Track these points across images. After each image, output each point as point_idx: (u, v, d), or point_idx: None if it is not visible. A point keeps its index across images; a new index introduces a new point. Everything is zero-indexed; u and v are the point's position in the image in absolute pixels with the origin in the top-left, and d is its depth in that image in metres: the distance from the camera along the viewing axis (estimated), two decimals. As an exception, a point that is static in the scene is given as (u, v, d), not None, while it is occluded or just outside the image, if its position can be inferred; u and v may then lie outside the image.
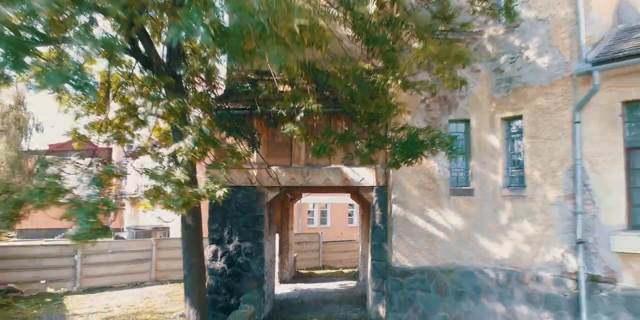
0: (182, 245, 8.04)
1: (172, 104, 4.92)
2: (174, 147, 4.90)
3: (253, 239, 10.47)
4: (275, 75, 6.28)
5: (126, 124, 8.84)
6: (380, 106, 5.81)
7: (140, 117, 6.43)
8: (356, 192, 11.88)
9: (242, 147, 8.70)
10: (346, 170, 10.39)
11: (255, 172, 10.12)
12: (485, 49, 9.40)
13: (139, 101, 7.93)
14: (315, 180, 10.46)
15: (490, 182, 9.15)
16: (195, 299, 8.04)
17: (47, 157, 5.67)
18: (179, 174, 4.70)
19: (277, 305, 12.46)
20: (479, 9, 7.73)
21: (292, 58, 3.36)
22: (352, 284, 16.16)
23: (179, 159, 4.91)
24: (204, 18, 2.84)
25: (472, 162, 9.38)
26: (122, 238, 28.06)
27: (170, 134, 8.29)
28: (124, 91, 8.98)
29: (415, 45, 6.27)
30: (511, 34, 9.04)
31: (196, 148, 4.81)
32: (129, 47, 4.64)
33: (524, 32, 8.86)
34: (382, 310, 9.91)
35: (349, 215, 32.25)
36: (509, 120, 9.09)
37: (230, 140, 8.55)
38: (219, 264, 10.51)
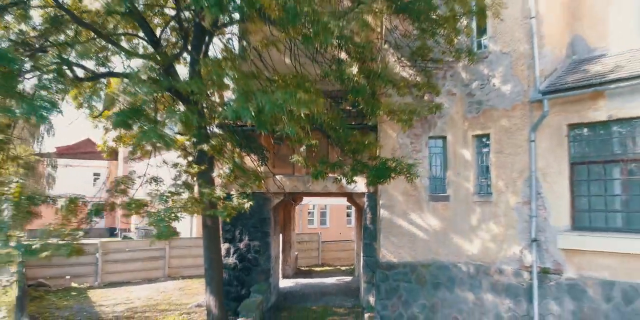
0: (203, 243, 9.66)
1: (213, 142, 6.56)
2: (216, 173, 6.58)
3: (261, 238, 12.08)
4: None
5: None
6: (359, 143, 7.49)
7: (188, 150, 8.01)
8: (351, 197, 13.49)
9: (251, 159, 10.34)
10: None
11: (263, 181, 11.71)
12: (460, 76, 10.99)
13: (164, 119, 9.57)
14: (314, 187, 12.07)
15: (463, 189, 10.75)
16: (214, 288, 9.65)
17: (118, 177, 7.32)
18: (219, 191, 6.37)
19: (282, 296, 14.08)
20: (446, 51, 9.36)
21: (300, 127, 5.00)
22: (348, 279, 17.78)
23: (218, 180, 6.57)
24: (249, 106, 4.49)
25: (448, 173, 10.99)
26: (131, 238, 29.75)
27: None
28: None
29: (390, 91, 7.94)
30: (481, 64, 10.63)
31: (231, 174, 6.45)
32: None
33: (492, 63, 10.46)
34: (372, 299, 11.51)
35: (347, 215, 33.84)
36: (479, 137, 10.69)
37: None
38: (232, 260, 12.12)
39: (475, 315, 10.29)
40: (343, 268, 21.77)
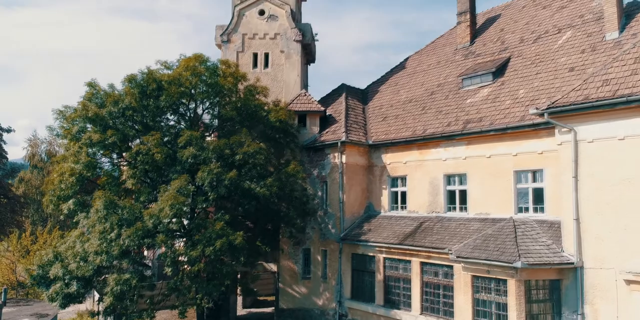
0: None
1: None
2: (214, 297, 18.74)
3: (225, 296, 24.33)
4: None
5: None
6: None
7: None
8: (273, 274, 25.82)
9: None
10: (267, 264, 24.28)
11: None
12: (318, 220, 23.25)
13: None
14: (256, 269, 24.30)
15: (317, 275, 23.00)
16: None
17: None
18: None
19: (238, 322, 26.35)
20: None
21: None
22: (282, 308, 30.00)
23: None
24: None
25: (311, 266, 23.28)
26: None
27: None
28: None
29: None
30: (325, 216, 22.93)
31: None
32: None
33: (329, 217, 22.73)
34: (278, 325, 23.82)
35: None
36: (323, 251, 22.93)
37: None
38: (210, 305, 24.36)
39: (320, 333, 22.63)
40: (286, 298, 33.98)
